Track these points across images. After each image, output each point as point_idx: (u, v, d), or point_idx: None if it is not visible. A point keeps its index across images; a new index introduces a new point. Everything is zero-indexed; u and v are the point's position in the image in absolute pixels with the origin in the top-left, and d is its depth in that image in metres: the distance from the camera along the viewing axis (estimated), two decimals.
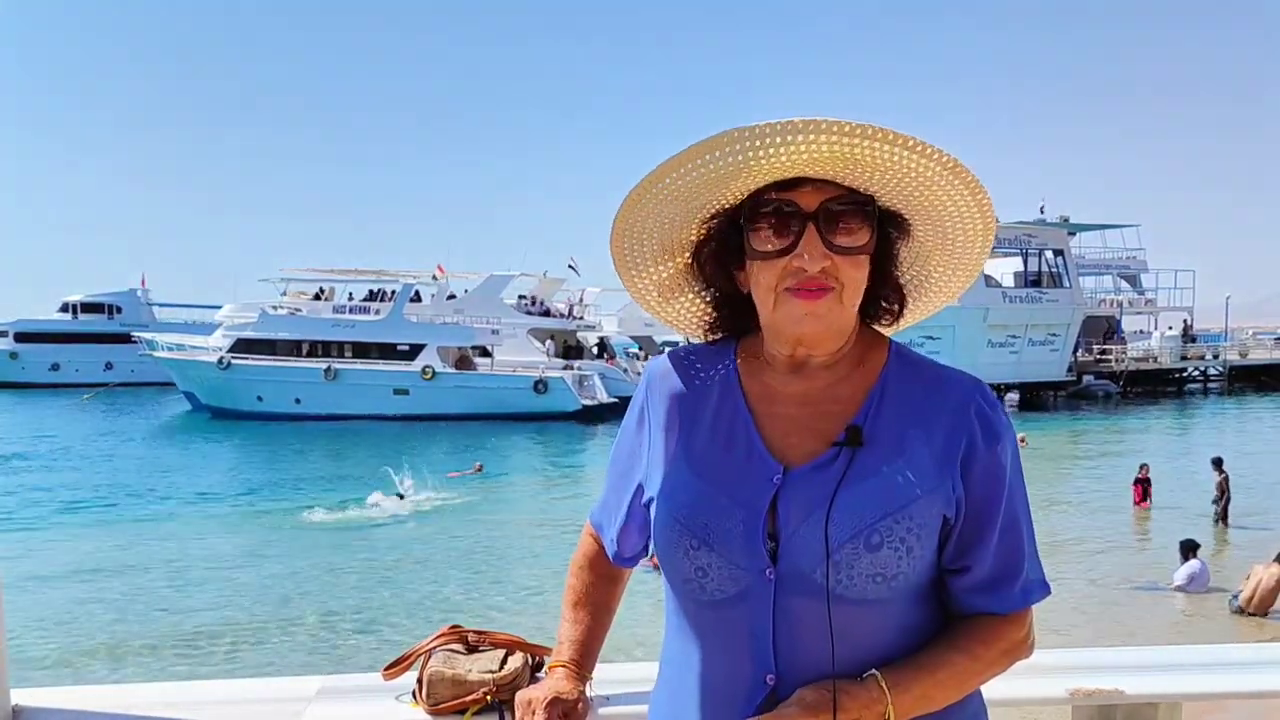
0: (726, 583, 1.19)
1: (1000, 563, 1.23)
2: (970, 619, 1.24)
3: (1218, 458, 16.00)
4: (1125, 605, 11.39)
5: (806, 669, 1.16)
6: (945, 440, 1.21)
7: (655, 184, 1.20)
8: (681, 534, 1.21)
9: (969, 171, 1.18)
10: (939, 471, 1.19)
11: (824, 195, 1.18)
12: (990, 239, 1.26)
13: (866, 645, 1.17)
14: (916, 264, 1.32)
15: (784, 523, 1.18)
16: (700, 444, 1.27)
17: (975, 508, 1.21)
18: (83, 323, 55.13)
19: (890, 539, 1.15)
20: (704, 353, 1.36)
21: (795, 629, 1.16)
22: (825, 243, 1.17)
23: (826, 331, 1.22)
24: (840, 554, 1.14)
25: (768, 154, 1.14)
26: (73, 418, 37.39)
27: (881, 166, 1.16)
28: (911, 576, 1.18)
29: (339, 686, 1.76)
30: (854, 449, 1.20)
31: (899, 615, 1.20)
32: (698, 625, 1.24)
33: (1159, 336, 47.29)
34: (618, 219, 1.25)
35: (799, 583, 1.16)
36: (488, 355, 36.67)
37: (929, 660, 1.19)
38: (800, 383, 1.26)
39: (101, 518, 17.67)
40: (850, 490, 1.17)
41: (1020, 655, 1.26)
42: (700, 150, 1.15)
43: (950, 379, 1.26)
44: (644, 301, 1.37)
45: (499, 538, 15.77)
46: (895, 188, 1.20)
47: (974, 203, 1.22)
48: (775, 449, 1.23)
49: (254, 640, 10.36)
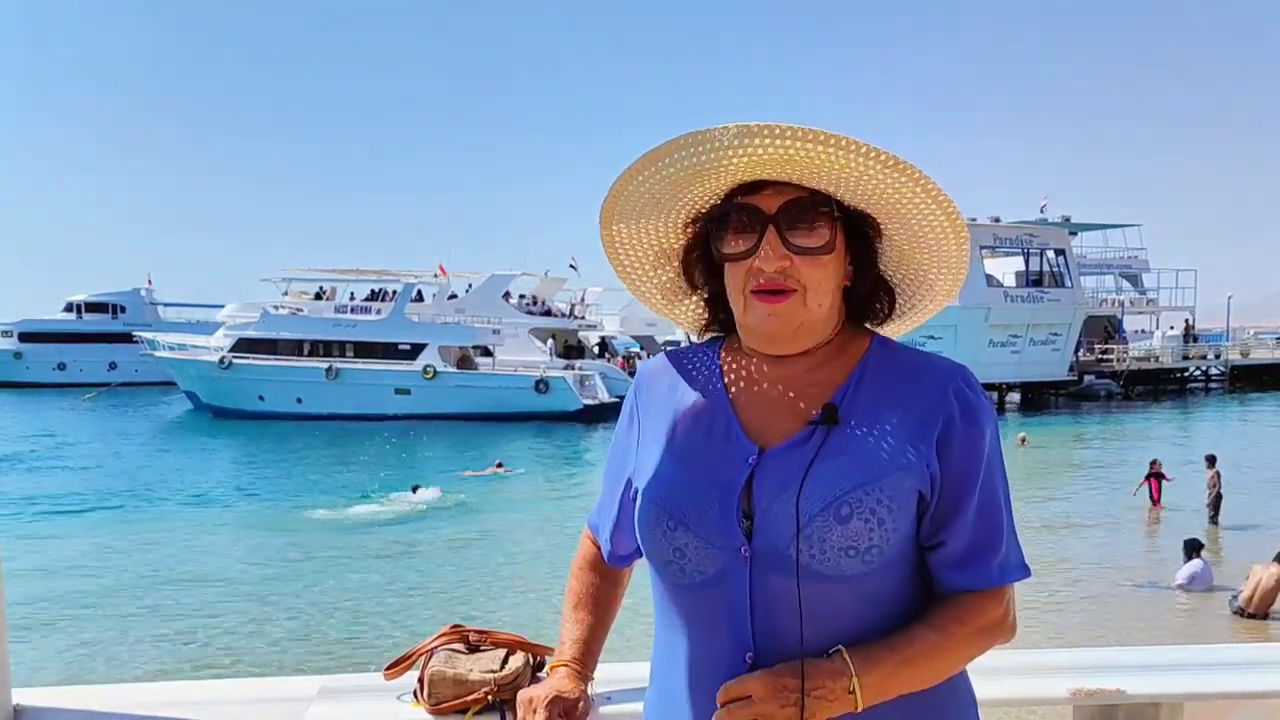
0: (704, 562, 1.20)
1: (977, 539, 1.23)
2: (947, 597, 1.25)
3: (1211, 455, 16.01)
4: (1126, 604, 11.38)
5: (784, 647, 1.17)
6: (922, 418, 1.22)
7: (623, 190, 1.26)
8: (660, 516, 1.24)
9: (912, 167, 1.18)
10: (914, 447, 1.20)
11: (784, 197, 1.21)
12: (962, 234, 1.26)
13: (839, 622, 1.18)
14: (903, 264, 1.33)
15: (758, 500, 1.20)
16: (682, 433, 1.30)
17: (951, 484, 1.22)
18: (87, 322, 55.22)
19: (860, 510, 1.16)
20: (691, 352, 1.39)
21: (772, 606, 1.17)
22: (785, 243, 1.20)
23: (792, 332, 1.24)
24: (811, 527, 1.15)
25: (718, 158, 1.18)
26: (74, 417, 37.43)
27: (824, 167, 1.18)
28: (886, 550, 1.18)
29: (340, 686, 1.76)
30: (829, 427, 1.22)
31: (876, 593, 1.20)
32: (680, 608, 1.26)
33: (1160, 336, 47.28)
34: (601, 230, 1.31)
35: (773, 559, 1.17)
36: (489, 355, 36.70)
37: (900, 637, 1.19)
38: (779, 369, 1.29)
39: (101, 517, 17.67)
40: (823, 465, 1.19)
41: (1000, 636, 1.26)
42: (658, 154, 1.20)
43: (931, 363, 1.28)
44: (650, 303, 1.43)
45: (500, 537, 15.77)
46: (851, 188, 1.22)
47: (928, 198, 1.22)
48: (752, 431, 1.26)
49: (255, 639, 10.37)
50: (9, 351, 54.28)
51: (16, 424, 35.10)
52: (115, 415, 37.81)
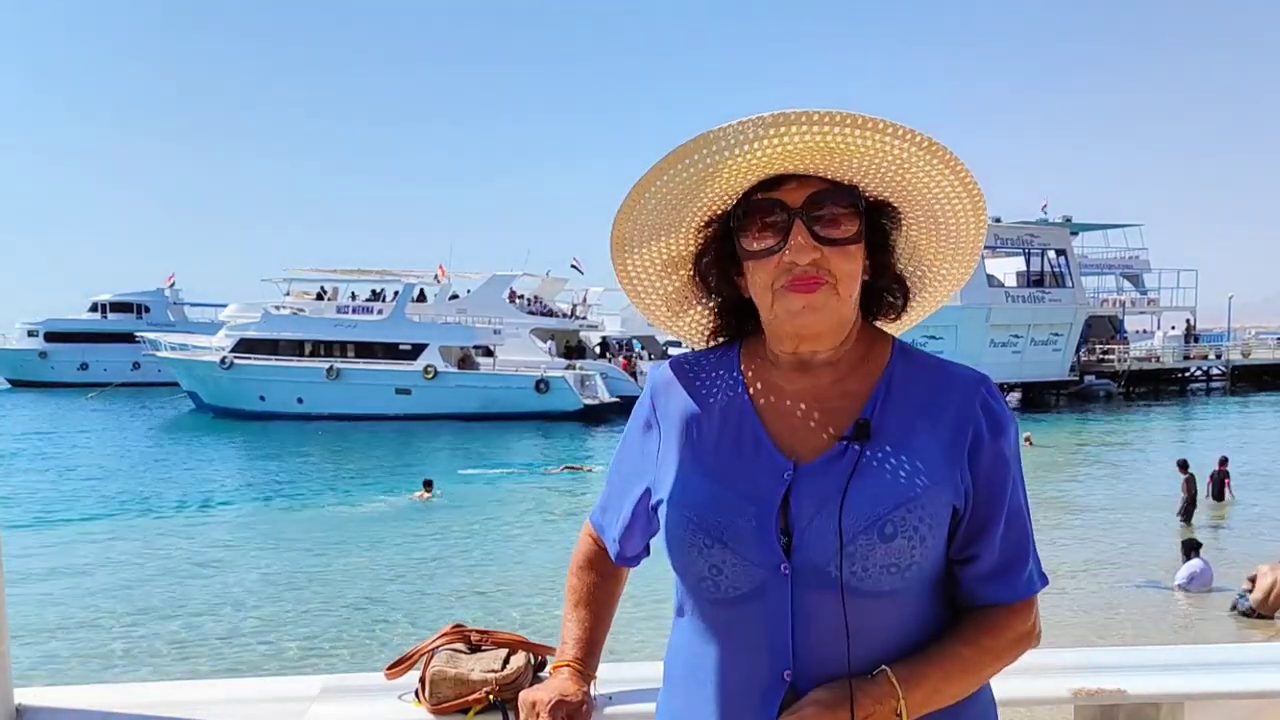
0: (741, 580, 1.19)
1: (1007, 551, 1.24)
2: (976, 612, 1.25)
3: (1183, 460, 16.22)
4: (1127, 604, 11.38)
5: (824, 664, 1.16)
6: (952, 432, 1.22)
7: (639, 197, 1.22)
8: (694, 533, 1.22)
9: (945, 149, 1.18)
10: (947, 463, 1.20)
11: (808, 190, 1.19)
12: (982, 218, 1.26)
13: (881, 639, 1.18)
14: (915, 256, 1.32)
15: (797, 517, 1.18)
16: (709, 446, 1.27)
17: (982, 497, 1.22)
18: (111, 322, 55.12)
19: (904, 529, 1.16)
20: (707, 357, 1.36)
21: (812, 624, 1.17)
22: (813, 236, 1.18)
23: (825, 324, 1.22)
24: (854, 545, 1.15)
25: (743, 152, 1.15)
26: (76, 417, 37.44)
27: (857, 153, 1.17)
28: (925, 566, 1.19)
29: (342, 686, 1.76)
30: (862, 443, 1.20)
31: (911, 608, 1.20)
32: (712, 623, 1.24)
33: (1161, 336, 47.29)
34: (612, 239, 1.27)
35: (814, 576, 1.16)
36: (490, 355, 36.69)
37: (938, 654, 1.20)
38: (805, 380, 1.27)
39: (101, 517, 17.66)
40: (861, 482, 1.18)
41: (1028, 645, 1.27)
42: (676, 158, 1.17)
43: (955, 373, 1.27)
44: (653, 316, 1.39)
45: (501, 537, 15.77)
46: (876, 174, 1.21)
47: (956, 180, 1.22)
48: (784, 446, 1.24)
49: (257, 639, 10.37)
50: (34, 351, 54.48)
51: (18, 424, 35.13)
52: (116, 415, 37.81)
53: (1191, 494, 15.50)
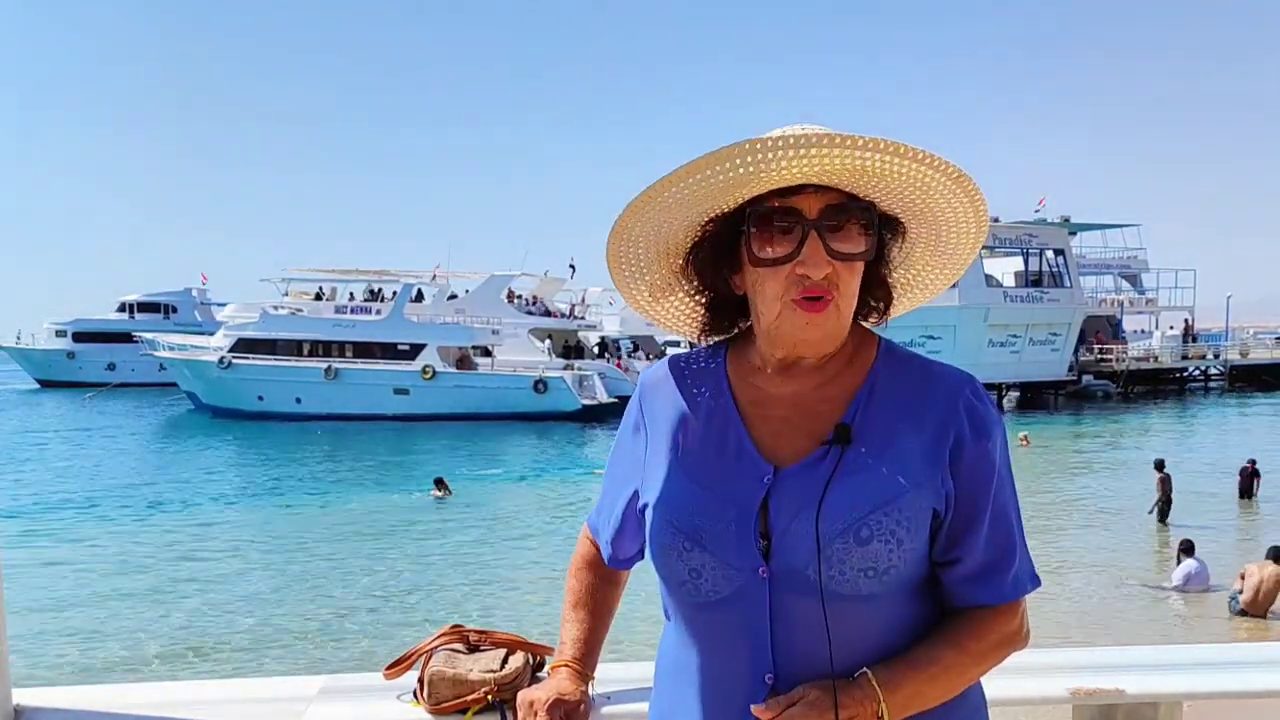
0: (721, 583, 1.20)
1: (991, 553, 1.23)
2: (962, 613, 1.25)
3: (1159, 460, 16.29)
4: (1124, 604, 11.40)
5: (806, 667, 1.17)
6: (934, 434, 1.21)
7: (663, 191, 1.20)
8: (674, 536, 1.22)
9: (972, 181, 1.20)
10: (928, 465, 1.20)
11: (824, 201, 1.19)
12: (982, 237, 1.29)
13: (861, 641, 1.18)
14: (906, 264, 1.33)
15: (775, 521, 1.19)
16: (693, 449, 1.28)
17: (965, 500, 1.21)
18: (139, 322, 54.67)
19: (880, 532, 1.16)
20: (695, 359, 1.37)
21: (791, 627, 1.17)
22: (827, 249, 1.18)
23: (825, 339, 1.23)
24: (831, 549, 1.15)
25: (779, 165, 1.14)
26: (79, 418, 37.43)
27: (889, 177, 1.18)
28: (903, 570, 1.18)
29: (340, 686, 1.76)
30: (843, 447, 1.21)
31: (892, 611, 1.20)
32: (694, 626, 1.25)
33: (1160, 336, 47.31)
34: (620, 221, 1.25)
35: (792, 580, 1.16)
36: (488, 355, 36.70)
37: (921, 656, 1.20)
38: (790, 384, 1.27)
39: (99, 517, 17.65)
40: (840, 486, 1.18)
41: (1016, 646, 1.27)
42: (711, 160, 1.15)
43: (939, 374, 1.27)
44: (634, 301, 1.38)
45: (499, 537, 15.77)
46: (898, 195, 1.21)
47: (971, 210, 1.24)
48: (766, 450, 1.24)
49: (255, 639, 10.37)
50: (62, 351, 54.55)
51: (19, 424, 35.11)
52: (116, 415, 37.79)
53: (1166, 494, 15.63)
